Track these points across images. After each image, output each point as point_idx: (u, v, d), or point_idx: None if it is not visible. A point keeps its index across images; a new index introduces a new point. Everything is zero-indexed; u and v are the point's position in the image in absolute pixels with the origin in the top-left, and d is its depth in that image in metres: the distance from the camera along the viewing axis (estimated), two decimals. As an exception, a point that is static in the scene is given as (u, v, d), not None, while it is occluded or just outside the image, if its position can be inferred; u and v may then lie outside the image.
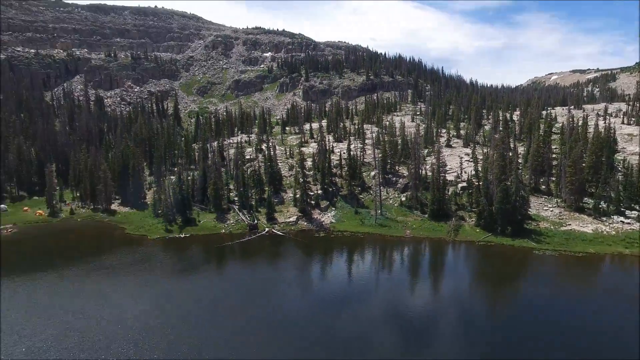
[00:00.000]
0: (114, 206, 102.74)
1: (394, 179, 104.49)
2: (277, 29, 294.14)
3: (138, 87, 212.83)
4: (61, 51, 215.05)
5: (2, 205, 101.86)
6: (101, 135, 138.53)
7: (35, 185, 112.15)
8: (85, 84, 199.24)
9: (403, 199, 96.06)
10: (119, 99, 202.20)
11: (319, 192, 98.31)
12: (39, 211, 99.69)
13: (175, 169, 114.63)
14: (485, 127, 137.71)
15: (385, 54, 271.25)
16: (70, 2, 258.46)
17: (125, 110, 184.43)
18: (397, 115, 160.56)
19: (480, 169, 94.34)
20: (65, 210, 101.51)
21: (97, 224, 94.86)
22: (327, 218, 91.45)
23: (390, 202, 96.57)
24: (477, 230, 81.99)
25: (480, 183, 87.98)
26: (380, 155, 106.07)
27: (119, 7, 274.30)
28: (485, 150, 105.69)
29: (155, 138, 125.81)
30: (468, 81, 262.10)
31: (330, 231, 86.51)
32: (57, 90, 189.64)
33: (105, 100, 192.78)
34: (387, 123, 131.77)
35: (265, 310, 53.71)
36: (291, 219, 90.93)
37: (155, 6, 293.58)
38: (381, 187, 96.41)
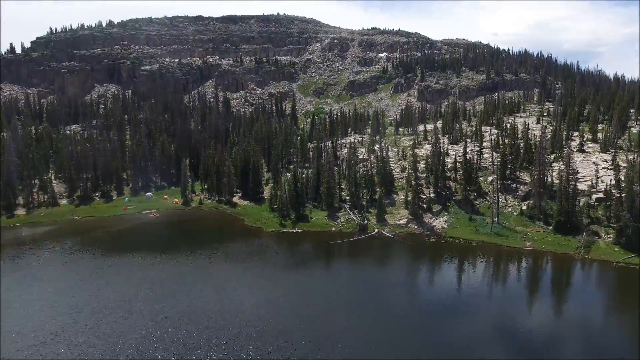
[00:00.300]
0: (235, 199, 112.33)
1: (514, 185, 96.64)
2: (393, 29, 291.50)
3: (260, 89, 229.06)
4: (198, 59, 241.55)
5: (149, 193, 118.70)
6: (227, 133, 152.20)
7: (173, 177, 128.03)
8: (215, 88, 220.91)
9: (524, 207, 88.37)
10: (243, 100, 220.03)
11: (432, 195, 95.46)
12: (175, 200, 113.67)
13: (291, 166, 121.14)
14: (633, 129, 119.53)
15: (508, 50, 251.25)
16: (207, 15, 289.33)
17: (248, 111, 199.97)
18: (520, 117, 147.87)
19: (623, 179, 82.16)
20: (195, 200, 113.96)
21: (220, 214, 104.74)
22: (439, 223, 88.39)
23: (509, 210, 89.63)
24: (616, 249, 71.85)
25: (623, 195, 76.76)
26: (499, 159, 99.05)
27: (247, 16, 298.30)
28: (630, 157, 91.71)
29: (274, 137, 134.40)
30: (611, 76, 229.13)
31: (441, 236, 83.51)
32: (193, 94, 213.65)
33: (232, 101, 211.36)
34: (509, 125, 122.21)
35: (371, 311, 54.15)
36: (401, 222, 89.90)
37: (278, 13, 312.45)
38: (499, 194, 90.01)
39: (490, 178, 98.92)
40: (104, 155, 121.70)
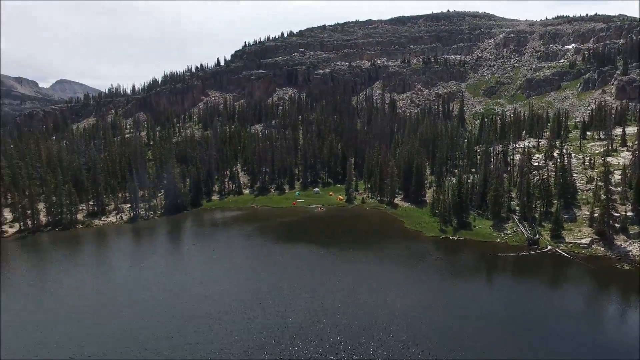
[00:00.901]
0: (396, 200, 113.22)
1: None
2: (587, 15, 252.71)
3: (427, 90, 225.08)
4: (366, 62, 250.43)
5: (316, 189, 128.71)
6: (392, 134, 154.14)
7: (339, 174, 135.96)
8: (382, 89, 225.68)
9: None
10: (409, 101, 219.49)
11: (629, 214, 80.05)
12: (339, 197, 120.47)
13: (456, 170, 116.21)
14: None
15: None
16: (376, 19, 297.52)
17: (414, 112, 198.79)
18: None
19: None
20: (358, 198, 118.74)
21: (381, 214, 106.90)
22: (637, 248, 73.69)
23: None
24: None
25: None
26: None
27: (415, 16, 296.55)
28: None
29: (439, 139, 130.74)
30: None
31: (639, 265, 69.46)
32: (360, 95, 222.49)
33: (398, 102, 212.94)
34: None
35: (535, 341, 48.61)
36: (583, 241, 77.93)
37: (448, 10, 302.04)
38: None
39: None
40: (280, 152, 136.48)
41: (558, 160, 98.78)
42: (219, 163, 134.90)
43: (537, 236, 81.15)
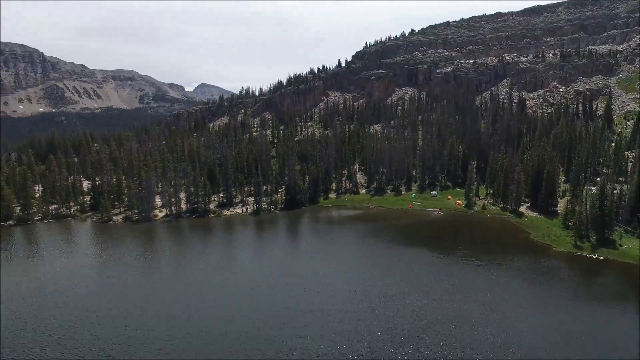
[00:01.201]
0: (522, 208, 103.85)
1: None
2: None
3: (563, 87, 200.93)
4: (493, 58, 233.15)
5: (434, 192, 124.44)
6: (520, 137, 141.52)
7: (458, 178, 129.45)
8: (510, 87, 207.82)
9: None
10: (541, 100, 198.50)
11: None
12: (458, 201, 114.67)
13: (598, 179, 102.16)
14: None
15: None
16: (506, 11, 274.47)
17: (547, 112, 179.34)
18: None
19: None
20: (479, 204, 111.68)
21: (503, 222, 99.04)
22: None
23: None
24: None
25: None
26: None
27: (553, 4, 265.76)
28: None
29: (577, 142, 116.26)
30: None
31: None
32: (485, 94, 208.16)
33: (528, 102, 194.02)
34: None
35: None
36: None
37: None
38: None
39: None
40: (398, 153, 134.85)
41: None
42: (337, 162, 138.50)
43: None
